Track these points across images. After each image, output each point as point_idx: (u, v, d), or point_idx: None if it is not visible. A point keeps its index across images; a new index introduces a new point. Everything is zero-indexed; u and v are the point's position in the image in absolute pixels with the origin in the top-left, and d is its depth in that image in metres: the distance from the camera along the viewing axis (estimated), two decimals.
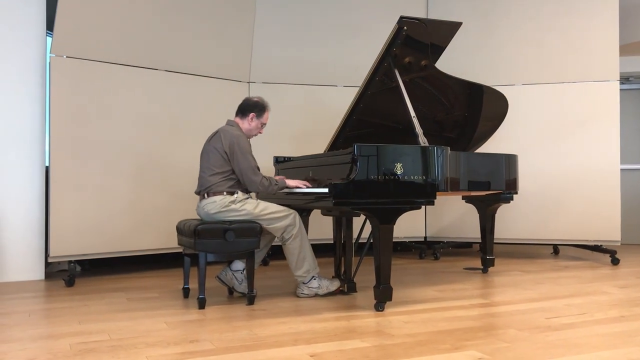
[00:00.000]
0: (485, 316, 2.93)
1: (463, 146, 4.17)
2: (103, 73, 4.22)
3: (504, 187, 3.83)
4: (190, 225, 3.18)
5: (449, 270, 4.51)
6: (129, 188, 4.34)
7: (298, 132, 5.09)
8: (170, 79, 4.57)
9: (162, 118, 4.51)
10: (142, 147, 4.40)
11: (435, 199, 3.07)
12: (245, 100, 3.50)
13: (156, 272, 4.48)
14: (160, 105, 4.51)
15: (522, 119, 5.08)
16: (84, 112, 4.14)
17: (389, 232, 2.99)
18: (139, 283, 4.01)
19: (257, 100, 3.48)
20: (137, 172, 4.38)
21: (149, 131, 4.44)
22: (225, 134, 3.32)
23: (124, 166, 4.32)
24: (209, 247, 3.12)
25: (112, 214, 4.25)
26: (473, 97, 4.01)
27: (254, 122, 3.44)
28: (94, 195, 4.17)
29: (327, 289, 3.42)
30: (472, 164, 3.54)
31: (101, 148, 4.21)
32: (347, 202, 2.92)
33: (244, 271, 3.42)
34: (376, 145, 2.98)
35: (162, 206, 4.48)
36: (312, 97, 5.16)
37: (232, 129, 3.38)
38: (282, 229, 3.29)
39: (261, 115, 3.45)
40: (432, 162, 3.06)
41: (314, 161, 3.56)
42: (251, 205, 3.27)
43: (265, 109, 3.47)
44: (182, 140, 4.59)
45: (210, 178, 3.29)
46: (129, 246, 4.33)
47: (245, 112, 3.44)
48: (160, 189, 4.49)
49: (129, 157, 4.34)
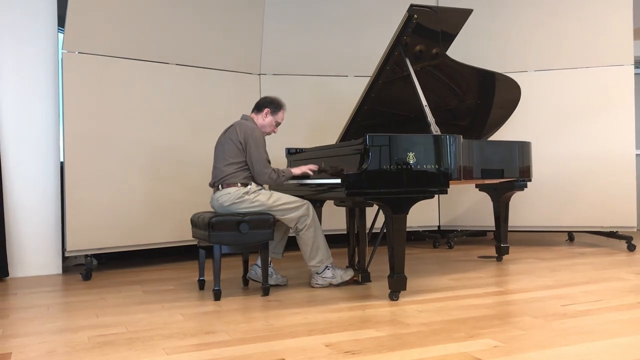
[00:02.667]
0: (500, 304, 2.92)
1: (476, 134, 4.15)
2: (115, 68, 4.24)
3: (518, 175, 3.80)
4: (205, 218, 3.20)
5: (463, 259, 4.50)
6: (144, 182, 4.37)
7: (310, 123, 5.09)
8: (181, 72, 4.58)
9: (174, 112, 4.53)
10: (155, 141, 4.42)
11: (449, 187, 3.06)
12: (262, 97, 3.55)
13: (172, 265, 4.51)
14: (172, 99, 4.53)
15: (535, 105, 5.03)
16: (96, 107, 4.17)
17: (402, 222, 2.99)
18: (155, 276, 4.04)
19: (274, 98, 3.51)
20: (151, 166, 4.41)
21: (162, 125, 4.46)
22: (241, 126, 3.35)
23: (139, 160, 4.34)
24: (223, 239, 3.14)
25: (128, 208, 4.28)
26: (485, 85, 3.98)
27: (268, 118, 3.45)
28: (109, 190, 4.20)
29: (341, 278, 3.43)
30: (485, 152, 3.52)
31: (115, 142, 4.23)
32: (359, 192, 2.92)
33: (271, 263, 3.46)
34: (388, 135, 2.98)
35: (177, 199, 4.50)
36: (323, 88, 5.14)
37: (247, 122, 3.40)
38: (296, 220, 3.30)
39: (276, 113, 3.47)
40: (445, 151, 3.05)
41: (326, 152, 3.55)
42: (264, 196, 3.28)
43: (281, 107, 3.49)
44: (195, 133, 4.61)
45: (225, 168, 3.31)
46: (145, 239, 4.36)
47: (261, 108, 3.47)
48: (174, 182, 4.51)
49: (143, 151, 4.36)
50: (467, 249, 5.05)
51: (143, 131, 4.37)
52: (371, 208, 3.55)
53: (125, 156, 4.28)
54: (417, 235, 5.58)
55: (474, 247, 5.20)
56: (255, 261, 3.46)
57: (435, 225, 5.36)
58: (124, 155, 4.27)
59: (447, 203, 5.33)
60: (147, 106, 4.40)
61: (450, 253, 4.87)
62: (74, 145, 4.06)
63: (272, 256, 3.54)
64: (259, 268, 3.41)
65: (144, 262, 4.70)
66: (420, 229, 5.32)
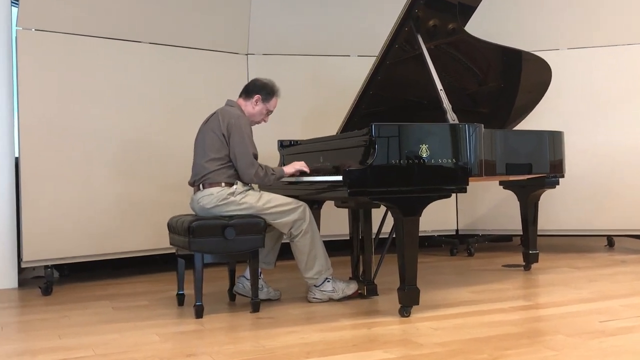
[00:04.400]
0: (529, 320, 2.92)
1: (499, 123, 4.15)
2: (78, 47, 4.22)
3: (548, 170, 3.80)
4: (184, 222, 3.19)
5: (486, 268, 4.50)
6: (113, 180, 4.36)
7: (306, 110, 5.08)
8: (156, 52, 4.57)
9: (148, 98, 4.52)
10: (126, 133, 4.41)
11: (468, 185, 3.06)
12: (253, 80, 3.53)
13: (146, 277, 4.50)
14: (146, 84, 4.52)
15: (568, 89, 5.03)
16: (57, 93, 4.15)
17: (414, 226, 2.98)
18: (127, 290, 4.04)
19: (267, 82, 3.49)
20: (122, 162, 4.40)
21: (134, 114, 4.45)
22: (225, 114, 3.33)
23: (107, 155, 4.33)
24: (206, 247, 3.13)
25: (94, 211, 4.27)
26: (510, 65, 3.97)
27: (258, 106, 3.45)
28: (72, 190, 4.18)
29: (343, 292, 3.42)
30: (511, 143, 3.52)
31: (79, 134, 4.22)
32: (364, 191, 2.92)
33: (261, 275, 3.46)
34: (397, 125, 2.97)
35: (152, 201, 4.50)
36: (321, 69, 5.13)
37: (232, 109, 3.39)
38: (290, 224, 3.29)
39: (268, 100, 3.46)
40: (464, 143, 3.05)
41: (325, 145, 3.55)
42: (253, 198, 3.28)
43: (274, 93, 3.48)
44: (173, 123, 4.60)
45: (207, 165, 3.30)
46: (115, 247, 4.35)
47: (250, 93, 3.44)
48: (149, 180, 4.50)
49: (112, 144, 4.35)
50: (490, 257, 5.05)
51: (112, 121, 4.35)
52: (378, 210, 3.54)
53: (91, 150, 4.27)
54: (431, 240, 5.58)
55: (497, 254, 5.20)
56: (243, 272, 3.46)
57: (453, 229, 5.35)
58: (89, 149, 4.26)
59: (466, 203, 5.32)
60: (117, 92, 4.38)
61: (470, 261, 4.87)
62: (31, 138, 4.04)
63: (263, 266, 3.53)
64: (248, 280, 3.40)
65: (114, 273, 4.69)
66: (436, 233, 5.31)
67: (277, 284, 3.80)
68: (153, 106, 4.54)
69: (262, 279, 3.46)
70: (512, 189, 4.37)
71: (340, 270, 3.94)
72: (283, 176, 3.41)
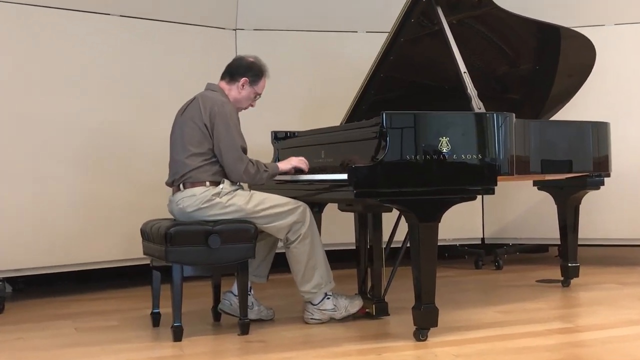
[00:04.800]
0: (567, 346, 2.92)
1: (534, 112, 4.14)
2: (33, 21, 4.21)
3: (591, 168, 3.80)
4: (160, 228, 3.19)
5: (516, 284, 4.50)
6: (76, 179, 4.36)
7: (304, 97, 5.07)
8: (127, 27, 4.56)
9: (117, 82, 4.51)
10: (91, 123, 4.41)
11: (496, 185, 3.05)
12: (236, 59, 3.50)
13: (115, 293, 4.50)
14: (115, 64, 4.51)
15: (615, 71, 5.01)
16: (7, 75, 4.14)
17: (433, 233, 2.98)
18: (92, 307, 4.03)
19: (253, 61, 3.48)
20: (86, 157, 4.40)
21: (100, 100, 4.44)
22: (206, 100, 3.33)
23: (69, 149, 4.34)
24: (186, 257, 3.13)
25: (54, 215, 4.26)
26: (547, 44, 3.97)
27: (245, 90, 3.44)
28: (27, 190, 4.18)
29: (347, 310, 3.42)
30: (547, 136, 3.51)
31: (35, 124, 4.22)
32: (373, 192, 2.91)
33: (252, 290, 3.45)
34: (413, 113, 2.97)
35: (124, 202, 4.49)
36: (322, 48, 5.13)
37: (214, 94, 3.39)
38: (287, 228, 3.29)
39: (256, 82, 3.46)
40: (491, 135, 3.04)
41: (327, 137, 3.55)
42: (242, 199, 3.27)
43: (262, 73, 3.47)
44: (147, 112, 4.60)
45: (187, 161, 3.29)
46: (77, 257, 4.35)
47: (235, 76, 3.44)
48: (118, 178, 4.50)
49: (74, 136, 4.35)
50: (522, 270, 5.05)
51: (74, 109, 4.35)
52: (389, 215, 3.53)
53: (49, 143, 4.27)
54: (453, 251, 5.57)
55: (531, 267, 5.20)
56: (230, 287, 3.45)
57: (478, 238, 5.35)
58: (47, 142, 4.26)
59: (494, 207, 5.32)
60: (80, 74, 4.38)
61: (498, 275, 4.87)
62: None
63: (254, 280, 3.54)
64: (235, 297, 3.38)
65: (77, 288, 4.68)
66: (457, 242, 5.31)
67: (269, 302, 3.79)
68: (123, 92, 4.54)
69: (252, 296, 3.46)
70: (548, 191, 4.35)
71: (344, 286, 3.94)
72: (277, 173, 3.40)
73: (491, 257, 5.27)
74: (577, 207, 4.30)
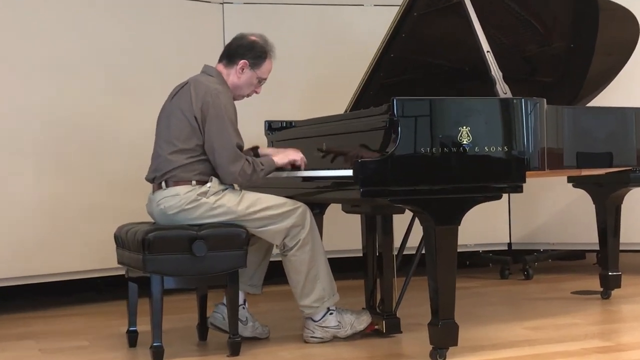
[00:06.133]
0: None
1: (568, 97, 4.13)
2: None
3: (635, 162, 3.81)
4: (137, 233, 3.18)
5: (548, 296, 4.51)
6: (38, 176, 4.37)
7: (304, 81, 5.09)
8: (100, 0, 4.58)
9: (87, 64, 4.52)
10: (56, 111, 4.42)
11: (524, 182, 3.06)
12: (236, 38, 3.48)
13: (85, 308, 4.50)
14: (83, 43, 4.51)
15: None
16: None
17: (452, 238, 2.99)
18: (59, 325, 4.04)
19: (255, 40, 3.46)
20: (50, 151, 4.41)
21: (67, 85, 4.45)
22: (199, 88, 3.30)
23: (29, 142, 4.35)
24: (167, 267, 3.13)
25: (12, 219, 4.27)
26: (583, 18, 3.98)
27: (245, 74, 3.42)
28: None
29: (353, 327, 3.43)
30: (583, 125, 3.52)
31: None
32: (383, 190, 2.92)
33: (245, 303, 3.46)
34: (428, 99, 2.98)
35: (94, 204, 4.50)
36: (324, 23, 5.14)
37: (210, 80, 3.37)
38: (284, 233, 3.29)
39: (258, 65, 3.43)
40: (519, 124, 3.06)
41: (329, 127, 3.56)
42: (232, 199, 3.28)
43: (266, 54, 3.44)
44: (122, 99, 4.61)
45: (172, 158, 3.27)
46: (41, 268, 4.35)
47: (234, 58, 3.41)
48: (89, 176, 4.51)
49: (35, 126, 4.36)
50: (555, 280, 5.06)
51: (35, 95, 4.36)
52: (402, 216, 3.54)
53: (7, 135, 4.28)
54: (475, 258, 5.59)
55: (565, 276, 5.20)
56: (223, 299, 3.43)
57: (504, 243, 5.36)
58: (4, 134, 4.27)
59: (522, 208, 5.33)
60: (42, 54, 4.38)
61: (527, 286, 4.88)
62: None
63: (247, 290, 3.55)
64: (225, 311, 3.38)
65: (41, 303, 4.66)
66: (480, 248, 5.32)
67: (264, 318, 3.79)
68: (94, 75, 4.54)
69: (246, 309, 3.47)
70: (585, 188, 4.35)
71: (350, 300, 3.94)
72: (274, 169, 3.38)
73: (519, 265, 5.28)
74: (618, 207, 4.30)
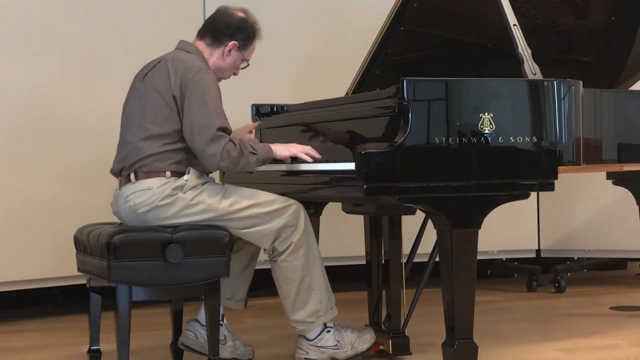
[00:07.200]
0: None
1: (608, 79, 4.12)
2: None
3: None
4: (101, 236, 3.16)
5: (583, 312, 4.52)
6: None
7: (298, 58, 5.12)
8: None
9: (45, 40, 4.56)
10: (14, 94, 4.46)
11: (557, 179, 3.05)
12: (221, 13, 3.49)
13: (40, 323, 4.52)
14: (44, 20, 4.54)
15: None
16: None
17: (471, 243, 2.98)
18: (9, 343, 4.04)
19: (244, 17, 3.48)
20: (6, 140, 4.44)
21: (21, 65, 4.50)
22: (177, 64, 3.29)
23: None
24: (136, 275, 3.11)
25: None
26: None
27: (231, 56, 3.45)
28: None
29: (354, 348, 3.41)
30: (627, 111, 3.53)
31: None
32: (390, 186, 2.91)
33: (224, 320, 3.47)
34: (444, 80, 2.96)
35: (52, 201, 4.53)
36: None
37: (189, 56, 3.37)
38: (273, 235, 3.28)
39: (247, 47, 3.47)
40: (550, 110, 3.05)
41: (328, 113, 3.55)
42: (213, 195, 3.27)
43: (254, 34, 3.49)
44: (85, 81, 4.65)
45: (142, 145, 3.26)
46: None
47: (221, 38, 3.42)
48: (48, 169, 4.55)
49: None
50: (591, 294, 5.07)
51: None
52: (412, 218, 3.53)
53: None
54: (498, 267, 5.62)
55: (602, 289, 5.23)
56: (196, 315, 3.45)
57: (532, 250, 5.40)
58: None
59: (553, 209, 5.36)
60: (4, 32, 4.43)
61: (559, 300, 4.90)
62: None
63: (227, 305, 3.55)
64: (203, 327, 3.39)
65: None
66: (504, 256, 5.32)
67: (247, 336, 3.81)
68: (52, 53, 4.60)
69: (224, 327, 3.47)
70: (627, 186, 4.34)
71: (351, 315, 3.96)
72: (270, 159, 3.34)
73: (549, 275, 5.31)
74: None
